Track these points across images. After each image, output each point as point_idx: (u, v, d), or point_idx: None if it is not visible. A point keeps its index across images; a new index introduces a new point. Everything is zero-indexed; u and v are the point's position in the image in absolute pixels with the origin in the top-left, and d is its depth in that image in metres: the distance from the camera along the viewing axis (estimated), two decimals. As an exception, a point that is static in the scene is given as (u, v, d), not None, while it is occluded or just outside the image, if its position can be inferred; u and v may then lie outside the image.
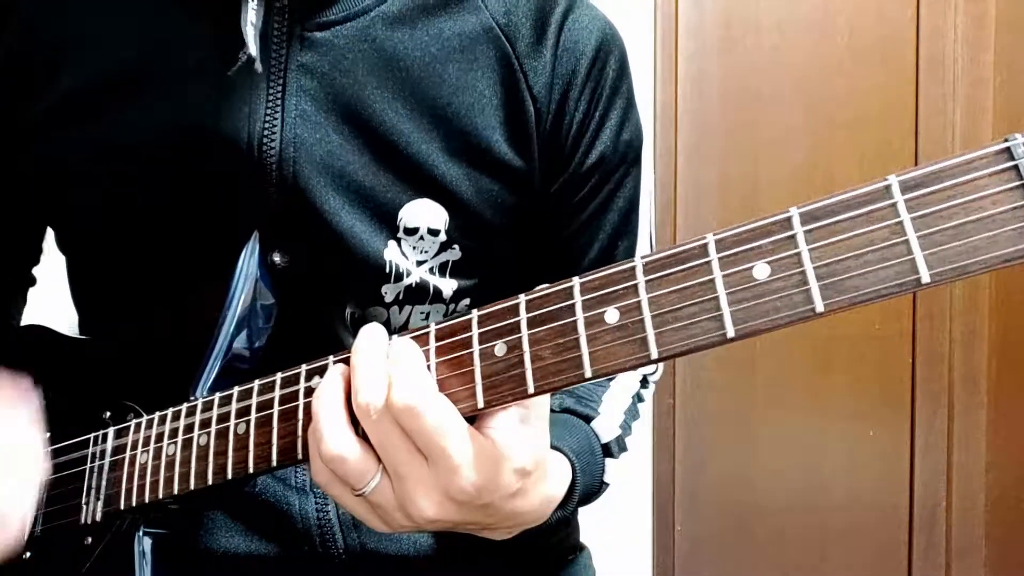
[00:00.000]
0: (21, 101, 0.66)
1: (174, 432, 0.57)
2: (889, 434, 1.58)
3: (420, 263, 0.65)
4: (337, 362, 0.50)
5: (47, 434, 0.65)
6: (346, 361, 0.48)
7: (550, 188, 0.68)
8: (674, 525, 1.72)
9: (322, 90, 0.62)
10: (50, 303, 0.82)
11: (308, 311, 0.65)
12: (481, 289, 0.69)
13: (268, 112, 0.61)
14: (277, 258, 0.63)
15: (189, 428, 0.56)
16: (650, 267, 0.42)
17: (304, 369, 0.52)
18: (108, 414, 0.63)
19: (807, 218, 0.38)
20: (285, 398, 0.52)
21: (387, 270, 0.64)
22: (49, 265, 0.81)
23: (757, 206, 1.66)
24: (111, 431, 0.61)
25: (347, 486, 0.48)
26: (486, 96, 0.65)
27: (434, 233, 0.65)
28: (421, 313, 0.67)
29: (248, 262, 0.60)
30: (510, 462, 0.46)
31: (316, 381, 0.51)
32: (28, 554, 0.63)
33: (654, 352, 0.41)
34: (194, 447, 0.55)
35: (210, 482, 0.54)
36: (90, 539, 0.60)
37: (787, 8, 1.63)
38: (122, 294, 0.69)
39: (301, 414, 0.51)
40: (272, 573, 0.66)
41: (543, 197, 0.68)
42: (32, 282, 0.83)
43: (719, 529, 1.71)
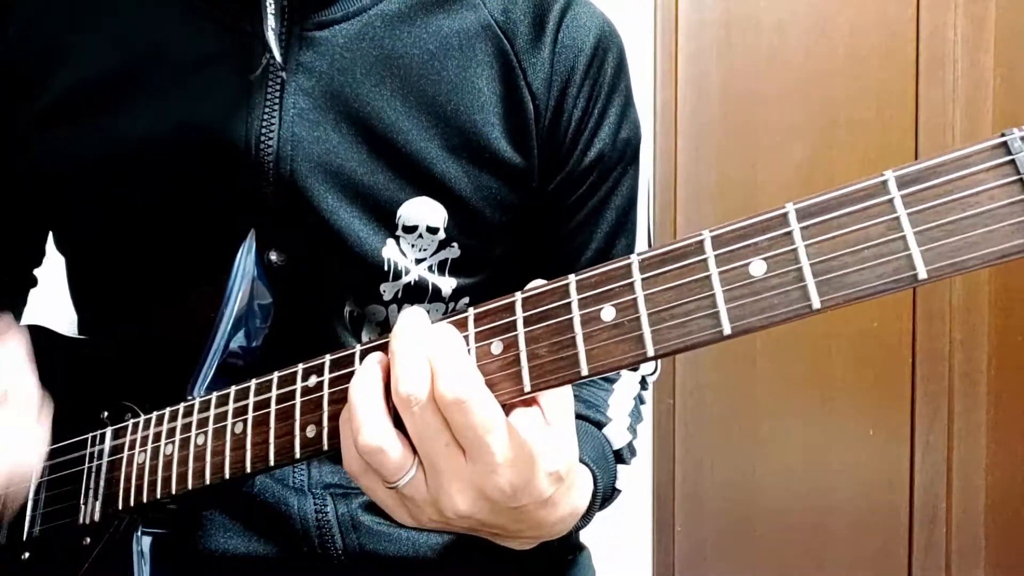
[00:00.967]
0: (20, 101, 0.66)
1: (172, 432, 0.57)
2: (889, 434, 1.58)
3: (419, 261, 0.65)
4: (368, 350, 0.48)
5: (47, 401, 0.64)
6: (380, 348, 0.47)
7: (549, 185, 0.68)
8: (674, 525, 1.71)
9: (320, 88, 0.62)
10: (50, 303, 0.82)
11: (306, 310, 0.65)
12: (480, 287, 0.69)
13: (266, 111, 0.61)
14: (274, 257, 0.63)
15: (187, 428, 0.56)
16: (646, 264, 0.42)
17: (301, 368, 0.52)
18: (106, 414, 0.62)
19: (803, 214, 0.38)
20: (282, 397, 0.52)
21: (385, 268, 0.64)
22: (49, 265, 0.81)
23: (757, 206, 1.65)
24: (109, 431, 0.61)
25: (380, 478, 0.46)
26: (485, 93, 0.65)
27: (433, 231, 0.65)
28: (420, 313, 0.67)
29: (245, 261, 0.60)
30: (544, 464, 0.45)
31: (313, 380, 0.51)
32: (27, 554, 0.63)
33: (650, 350, 0.41)
34: (192, 447, 0.55)
35: (208, 482, 0.54)
36: (88, 539, 0.60)
37: (787, 8, 1.63)
38: (120, 293, 0.69)
39: (298, 414, 0.51)
40: (271, 573, 0.66)
41: (542, 195, 0.68)
42: (33, 283, 0.83)
43: (719, 529, 1.71)
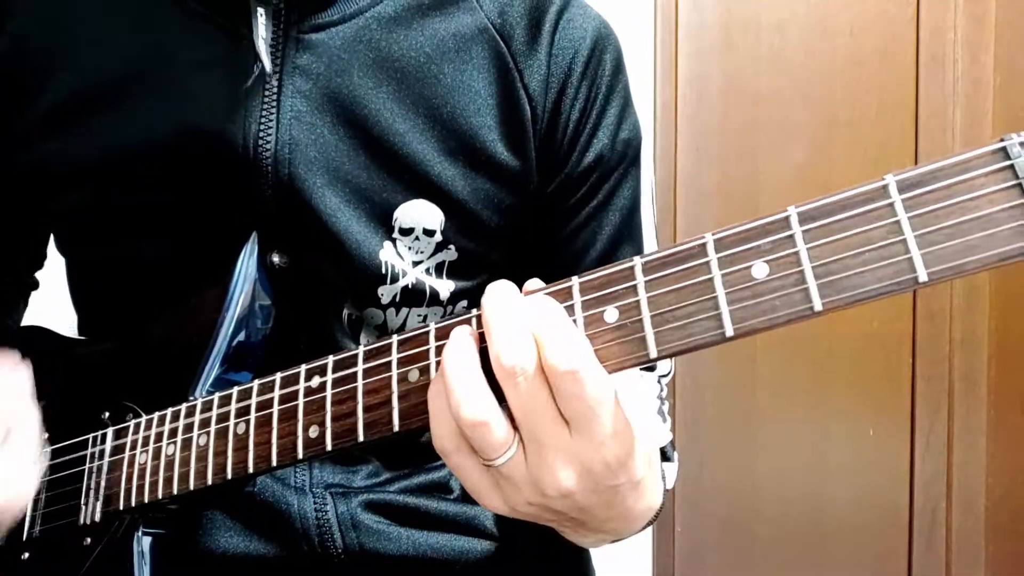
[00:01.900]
0: (19, 103, 0.66)
1: (173, 432, 0.57)
2: (889, 434, 1.58)
3: (416, 264, 0.65)
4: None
5: (46, 435, 0.65)
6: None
7: (547, 188, 0.68)
8: (674, 526, 1.72)
9: (317, 91, 0.62)
10: (50, 303, 0.82)
11: (305, 312, 0.65)
12: (479, 290, 0.68)
13: (263, 113, 0.61)
14: (276, 259, 0.63)
15: (188, 428, 0.56)
16: (649, 266, 0.42)
17: (303, 369, 0.52)
18: (107, 414, 0.63)
19: (805, 217, 0.38)
20: (284, 398, 0.52)
21: (383, 271, 0.64)
22: (49, 265, 0.81)
23: (757, 206, 1.66)
24: (110, 431, 0.61)
25: (476, 456, 0.44)
26: (481, 96, 0.64)
27: (429, 233, 0.65)
28: (418, 316, 0.67)
29: (247, 263, 0.60)
30: (640, 443, 0.45)
31: (316, 381, 0.51)
32: (27, 555, 0.63)
33: (653, 351, 0.41)
34: (193, 447, 0.56)
35: (209, 482, 0.54)
36: (89, 539, 0.60)
37: (787, 8, 1.63)
38: (121, 295, 0.69)
39: (301, 414, 0.51)
40: (271, 573, 0.66)
41: (541, 197, 0.68)
42: (35, 286, 0.83)
43: (719, 529, 1.71)
